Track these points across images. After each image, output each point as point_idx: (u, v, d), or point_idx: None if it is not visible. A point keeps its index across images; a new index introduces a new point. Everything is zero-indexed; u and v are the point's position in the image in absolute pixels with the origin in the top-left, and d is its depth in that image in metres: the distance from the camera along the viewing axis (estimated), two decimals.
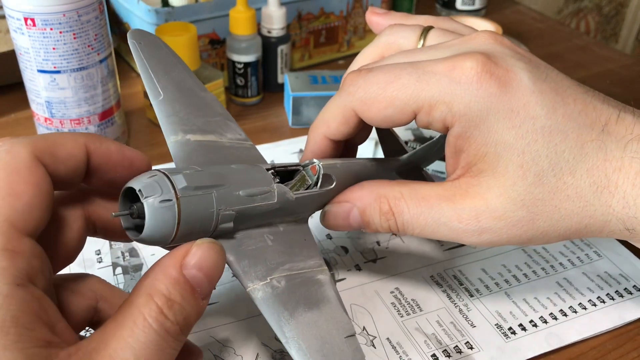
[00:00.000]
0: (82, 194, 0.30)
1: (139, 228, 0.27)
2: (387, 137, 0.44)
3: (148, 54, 0.36)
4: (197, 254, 0.26)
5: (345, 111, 0.34)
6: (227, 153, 0.34)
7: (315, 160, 0.34)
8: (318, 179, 0.34)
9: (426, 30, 0.37)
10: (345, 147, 0.39)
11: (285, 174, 0.34)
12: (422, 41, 0.37)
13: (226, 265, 0.29)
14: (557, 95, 0.31)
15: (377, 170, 0.38)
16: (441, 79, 0.31)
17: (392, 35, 0.38)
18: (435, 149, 0.42)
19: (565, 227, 0.32)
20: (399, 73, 0.32)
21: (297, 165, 0.34)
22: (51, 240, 0.27)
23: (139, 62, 0.36)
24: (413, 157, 0.42)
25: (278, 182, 0.32)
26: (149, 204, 0.26)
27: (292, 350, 0.28)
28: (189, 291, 0.25)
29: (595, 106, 0.32)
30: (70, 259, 0.29)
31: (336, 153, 0.37)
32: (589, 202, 0.31)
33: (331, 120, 0.35)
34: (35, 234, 0.24)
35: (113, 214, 0.27)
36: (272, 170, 0.32)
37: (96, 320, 0.29)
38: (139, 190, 0.26)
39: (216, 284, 0.27)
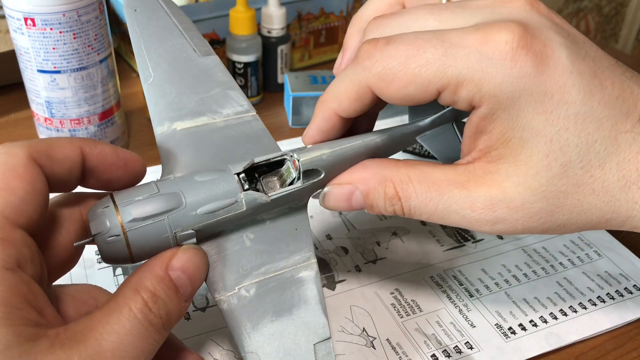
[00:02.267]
0: (80, 199, 0.30)
1: None
2: None
3: (144, 22, 0.35)
4: (182, 258, 0.28)
5: (359, 87, 0.31)
6: (219, 136, 0.33)
7: (294, 155, 0.31)
8: (299, 175, 0.31)
9: None
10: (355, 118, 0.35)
11: (269, 165, 0.32)
12: None
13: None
14: (595, 77, 0.28)
15: (387, 147, 0.34)
16: (471, 54, 0.28)
17: None
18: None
19: (585, 220, 0.30)
20: (422, 46, 0.28)
21: (283, 154, 0.32)
22: (48, 242, 0.28)
23: (132, 36, 0.35)
24: (440, 119, 0.36)
25: (247, 190, 0.30)
26: (98, 241, 0.27)
27: None
28: (173, 290, 0.27)
29: (632, 91, 0.29)
30: (70, 263, 0.30)
31: (344, 130, 0.34)
32: (615, 197, 0.29)
33: (343, 96, 0.31)
34: (28, 228, 0.25)
35: (75, 244, 0.28)
36: (243, 175, 0.30)
37: None
38: (90, 226, 0.28)
39: (198, 288, 0.29)
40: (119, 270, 0.42)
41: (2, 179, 0.25)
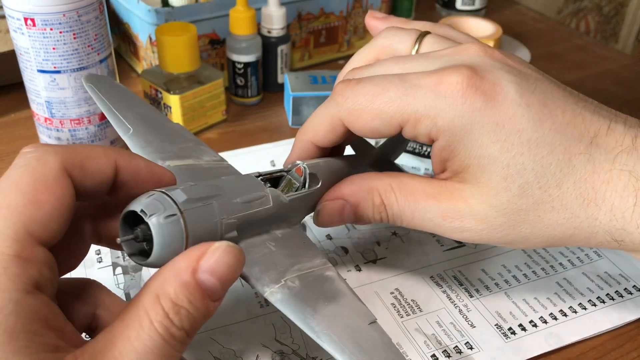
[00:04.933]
0: (94, 204, 0.30)
1: (144, 252, 0.27)
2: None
3: (107, 93, 0.37)
4: (213, 257, 0.25)
5: (333, 120, 0.34)
6: (208, 173, 0.35)
7: (298, 162, 0.35)
8: (305, 179, 0.34)
9: (422, 35, 0.37)
10: (331, 150, 0.39)
11: (270, 181, 0.34)
12: (416, 46, 0.37)
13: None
14: (544, 107, 0.31)
15: (354, 167, 0.39)
16: (427, 94, 0.31)
17: (388, 38, 0.38)
18: (400, 142, 0.43)
19: (548, 235, 0.32)
20: (386, 86, 0.32)
21: (280, 171, 0.35)
22: (61, 248, 0.27)
23: (99, 103, 0.36)
24: (383, 150, 0.43)
25: (270, 187, 0.32)
26: (154, 222, 0.26)
27: (325, 343, 0.28)
28: (198, 296, 0.25)
29: (584, 117, 0.32)
30: (75, 265, 0.29)
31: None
32: (575, 214, 0.31)
33: (319, 128, 0.35)
34: (50, 244, 0.24)
35: (118, 239, 0.27)
36: (261, 177, 0.33)
37: (94, 326, 0.29)
38: (142, 211, 0.26)
39: (230, 285, 0.26)
40: (118, 270, 0.42)
41: (31, 190, 0.23)
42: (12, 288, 0.22)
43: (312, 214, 0.36)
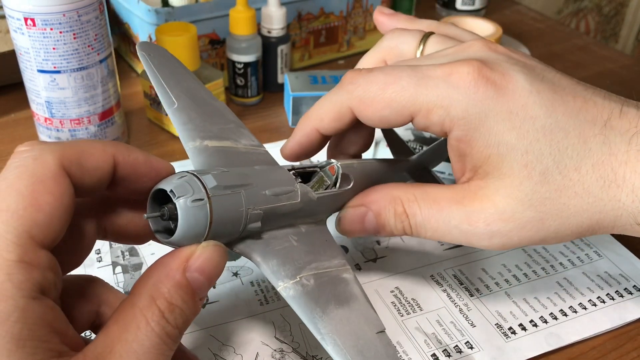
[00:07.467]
0: (95, 200, 0.29)
1: (169, 230, 0.28)
2: (393, 138, 0.45)
3: (158, 64, 0.37)
4: (202, 256, 0.26)
5: (341, 108, 0.34)
6: (243, 158, 0.35)
7: (333, 160, 0.35)
8: (337, 179, 0.34)
9: (426, 35, 0.37)
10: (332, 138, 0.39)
11: (302, 176, 0.34)
12: (421, 47, 0.37)
13: (226, 265, 0.29)
14: (555, 94, 0.31)
15: (389, 171, 0.39)
16: (439, 84, 0.32)
17: (393, 39, 0.39)
18: (441, 150, 0.43)
19: (577, 224, 0.32)
20: (399, 75, 0.33)
21: (314, 166, 0.35)
22: (63, 248, 0.27)
23: (150, 73, 0.36)
24: (422, 158, 0.43)
25: (300, 182, 0.32)
26: (181, 204, 0.26)
27: (329, 346, 0.28)
28: (190, 294, 0.26)
29: (595, 102, 0.32)
30: (79, 263, 0.29)
31: (321, 147, 0.38)
32: (598, 197, 0.31)
33: (324, 115, 0.35)
34: (52, 246, 0.24)
35: (145, 215, 0.27)
36: (293, 171, 0.33)
37: (97, 324, 0.29)
38: (171, 191, 0.26)
39: (213, 284, 0.27)
40: (118, 269, 0.42)
41: (30, 192, 0.23)
42: (18, 295, 0.22)
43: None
